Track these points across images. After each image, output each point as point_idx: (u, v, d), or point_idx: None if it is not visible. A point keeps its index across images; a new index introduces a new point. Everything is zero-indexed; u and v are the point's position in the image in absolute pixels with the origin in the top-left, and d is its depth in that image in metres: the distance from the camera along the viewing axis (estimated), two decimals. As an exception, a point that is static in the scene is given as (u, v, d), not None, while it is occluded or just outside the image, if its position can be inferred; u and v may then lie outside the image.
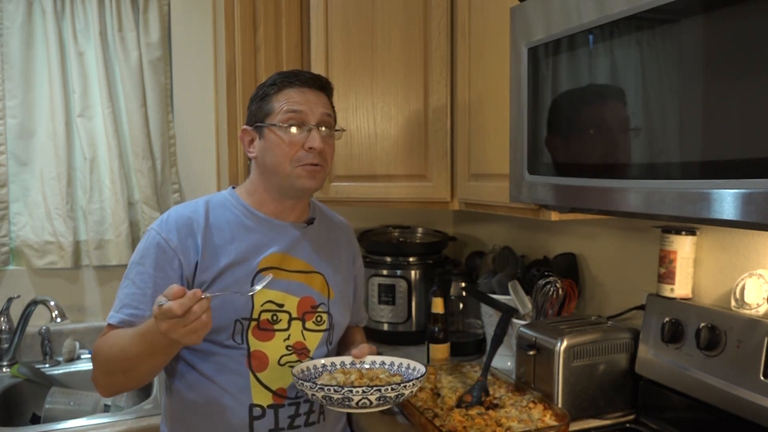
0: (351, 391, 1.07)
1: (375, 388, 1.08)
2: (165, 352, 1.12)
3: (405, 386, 1.10)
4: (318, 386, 1.09)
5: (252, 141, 1.29)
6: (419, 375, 1.18)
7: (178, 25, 2.25)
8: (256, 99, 1.28)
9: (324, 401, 1.10)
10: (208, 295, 1.00)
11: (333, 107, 1.31)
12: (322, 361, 1.25)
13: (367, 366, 1.25)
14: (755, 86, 0.80)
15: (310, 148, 1.21)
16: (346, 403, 1.08)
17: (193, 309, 0.97)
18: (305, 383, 1.10)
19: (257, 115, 1.27)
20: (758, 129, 0.80)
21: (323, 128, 1.25)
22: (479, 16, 1.59)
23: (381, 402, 1.09)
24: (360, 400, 1.08)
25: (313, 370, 1.22)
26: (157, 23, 2.20)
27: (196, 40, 2.26)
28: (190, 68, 2.27)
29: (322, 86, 1.29)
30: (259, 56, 1.97)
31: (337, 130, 1.29)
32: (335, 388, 1.08)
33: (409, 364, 1.25)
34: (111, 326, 1.20)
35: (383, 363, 1.26)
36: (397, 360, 1.26)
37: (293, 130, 1.22)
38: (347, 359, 1.26)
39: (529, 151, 1.26)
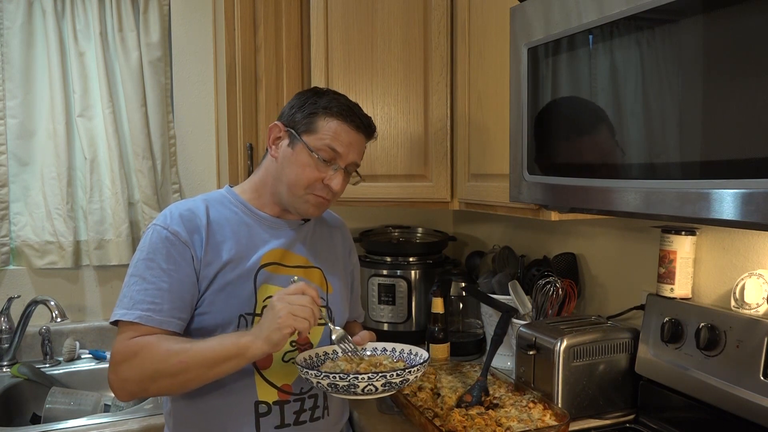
0: (357, 378, 1.07)
1: (380, 375, 1.08)
2: (242, 355, 1.10)
3: (410, 371, 1.11)
4: (323, 374, 1.09)
5: (279, 139, 1.28)
6: (423, 360, 1.19)
7: (178, 25, 2.25)
8: (304, 106, 1.27)
9: (329, 389, 1.10)
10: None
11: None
12: (325, 348, 1.25)
13: (369, 353, 1.26)
14: (755, 86, 0.80)
15: (328, 186, 1.25)
16: (352, 390, 1.08)
17: (308, 293, 1.09)
18: (310, 371, 1.10)
19: (298, 124, 1.26)
20: (758, 129, 0.80)
21: (352, 172, 1.30)
22: (479, 16, 1.59)
23: (386, 388, 1.10)
24: (366, 386, 1.08)
25: (315, 359, 1.22)
26: (157, 23, 2.20)
27: (196, 40, 2.26)
28: (190, 68, 2.27)
29: (369, 133, 1.31)
30: (259, 56, 1.97)
31: (358, 176, 1.33)
32: (341, 375, 1.08)
33: (411, 350, 1.26)
34: (125, 323, 1.16)
35: (385, 349, 1.27)
36: (398, 346, 1.27)
37: (324, 162, 1.24)
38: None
39: (529, 151, 1.26)
